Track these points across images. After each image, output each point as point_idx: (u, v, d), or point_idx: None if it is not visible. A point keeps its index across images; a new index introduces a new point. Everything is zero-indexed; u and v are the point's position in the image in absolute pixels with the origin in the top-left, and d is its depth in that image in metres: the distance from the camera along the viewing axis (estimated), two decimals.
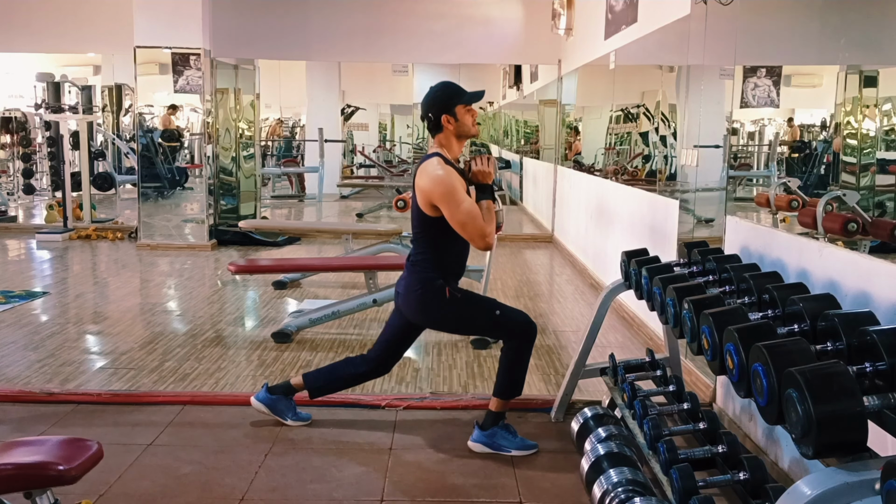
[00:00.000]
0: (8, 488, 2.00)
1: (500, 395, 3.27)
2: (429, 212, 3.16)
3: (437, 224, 3.16)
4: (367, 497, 2.86)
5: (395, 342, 3.42)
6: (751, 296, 2.54)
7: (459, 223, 3.10)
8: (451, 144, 3.23)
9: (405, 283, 3.28)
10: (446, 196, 3.09)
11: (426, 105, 3.21)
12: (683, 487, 2.32)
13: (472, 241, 3.15)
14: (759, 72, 4.43)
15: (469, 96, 3.21)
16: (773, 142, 5.38)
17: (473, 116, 3.24)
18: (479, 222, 3.10)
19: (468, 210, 3.09)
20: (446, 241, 3.21)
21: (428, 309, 3.26)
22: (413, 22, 9.27)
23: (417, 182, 3.18)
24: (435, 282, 3.20)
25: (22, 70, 13.02)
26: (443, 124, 3.18)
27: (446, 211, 3.10)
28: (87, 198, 9.91)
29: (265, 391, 3.51)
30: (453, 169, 3.17)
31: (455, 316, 3.29)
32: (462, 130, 3.21)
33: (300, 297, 6.18)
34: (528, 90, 12.76)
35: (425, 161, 3.20)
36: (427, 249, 3.24)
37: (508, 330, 3.25)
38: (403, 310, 3.33)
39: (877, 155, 3.70)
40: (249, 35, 9.11)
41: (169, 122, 10.61)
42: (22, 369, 4.24)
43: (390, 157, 17.66)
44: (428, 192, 3.13)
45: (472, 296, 3.34)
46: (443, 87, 3.24)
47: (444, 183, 3.08)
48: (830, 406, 1.62)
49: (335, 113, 15.57)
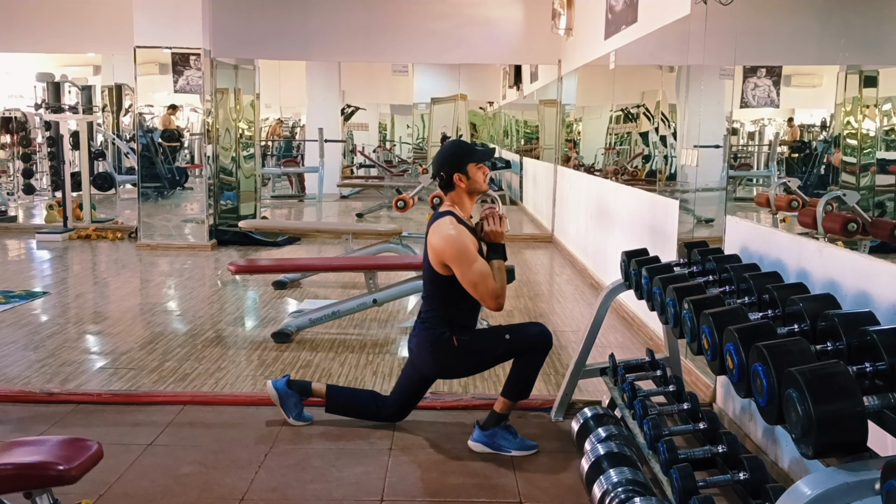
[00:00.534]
0: (8, 488, 2.00)
1: (509, 396, 3.28)
2: (441, 270, 3.20)
3: (448, 282, 3.20)
4: (367, 497, 2.86)
5: (410, 393, 3.48)
6: (751, 296, 2.54)
7: (471, 283, 3.14)
8: (462, 202, 3.28)
9: (416, 342, 3.33)
10: (458, 257, 3.13)
11: (437, 164, 3.29)
12: (683, 487, 2.32)
13: (483, 301, 3.18)
14: (759, 72, 4.44)
15: (480, 154, 3.27)
16: (773, 142, 5.38)
17: (485, 174, 3.29)
18: (491, 283, 3.14)
19: (480, 271, 3.13)
20: (457, 300, 3.24)
21: (442, 364, 3.32)
22: (413, 22, 9.27)
23: (430, 240, 3.22)
24: (443, 336, 3.24)
25: (22, 70, 13.02)
26: (455, 183, 3.23)
27: (458, 271, 3.14)
28: (87, 198, 9.91)
29: (285, 382, 3.52)
30: (466, 228, 3.20)
31: (469, 360, 3.33)
32: (473, 187, 3.27)
33: (300, 297, 6.18)
34: (528, 90, 12.76)
35: (438, 220, 3.22)
36: (437, 307, 3.29)
37: (524, 347, 3.27)
38: (418, 366, 3.38)
39: (877, 155, 3.71)
40: (249, 35, 9.11)
41: (169, 121, 10.61)
42: (22, 369, 4.24)
43: (390, 157, 17.67)
44: (440, 252, 3.17)
45: (478, 333, 3.37)
46: (453, 146, 3.34)
47: (457, 243, 3.13)
48: (830, 406, 1.62)
49: (335, 113, 15.57)
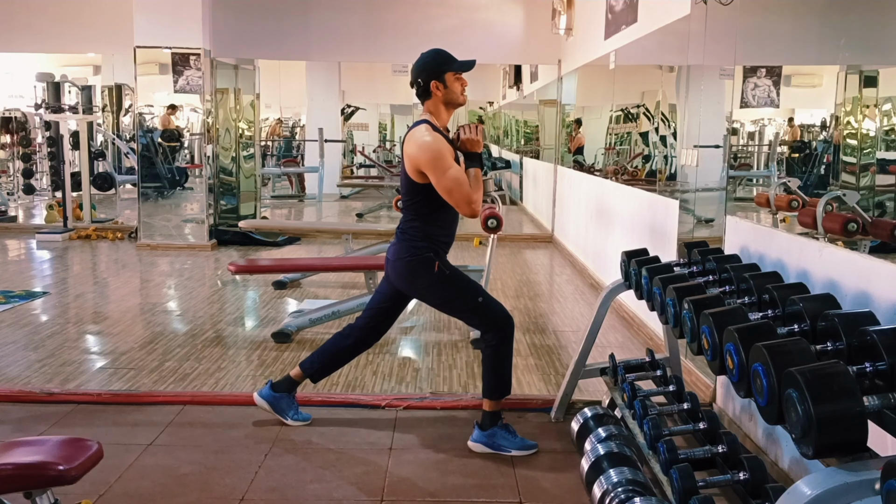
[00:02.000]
0: (8, 488, 2.00)
1: (489, 395, 3.27)
2: (416, 178, 3.16)
3: (425, 191, 3.15)
4: (367, 497, 2.86)
5: (382, 311, 3.43)
6: (751, 296, 2.54)
7: (446, 189, 3.09)
8: (439, 112, 3.22)
9: (394, 251, 3.29)
10: (433, 162, 3.08)
11: (416, 71, 3.21)
12: (683, 487, 2.32)
13: (459, 207, 3.14)
14: (759, 72, 4.44)
15: (459, 64, 3.20)
16: (773, 142, 5.38)
17: (463, 85, 3.22)
18: (466, 188, 3.09)
19: (455, 176, 3.08)
20: (434, 210, 3.20)
21: (415, 279, 3.26)
22: (413, 22, 9.27)
23: (405, 149, 3.18)
24: (424, 253, 3.20)
25: (22, 70, 13.02)
26: (432, 91, 3.18)
27: (433, 177, 3.10)
28: (87, 198, 9.91)
29: (269, 388, 3.51)
30: (441, 135, 3.16)
31: (439, 291, 3.29)
32: (451, 98, 3.20)
33: (300, 297, 6.18)
34: (528, 90, 12.76)
35: (413, 128, 3.19)
36: (415, 217, 3.24)
37: (487, 319, 3.24)
38: (391, 277, 3.34)
39: (877, 155, 3.71)
40: (249, 35, 9.11)
41: (168, 121, 10.61)
42: (22, 369, 4.24)
43: (390, 157, 17.67)
44: (415, 159, 3.12)
45: (459, 275, 3.32)
46: (433, 53, 3.23)
47: (432, 149, 3.08)
48: (830, 406, 1.62)
49: (335, 113, 15.57)
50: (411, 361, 4.53)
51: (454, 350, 4.70)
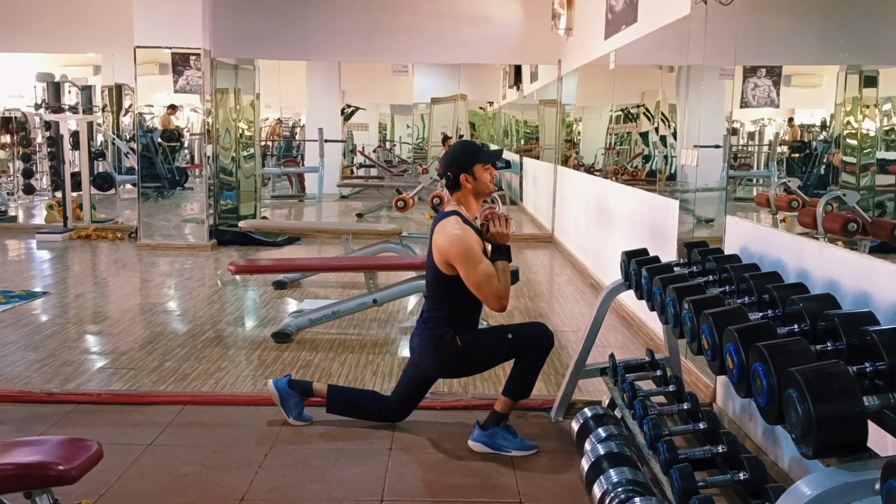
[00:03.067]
0: (8, 488, 2.00)
1: (511, 395, 3.28)
2: (445, 270, 3.20)
3: (452, 282, 3.20)
4: (367, 497, 2.86)
5: (411, 394, 3.48)
6: (751, 296, 2.54)
7: (475, 284, 3.14)
8: (468, 202, 3.29)
9: (419, 341, 3.32)
10: (463, 256, 3.13)
11: (445, 164, 3.29)
12: (683, 487, 2.32)
13: (487, 302, 3.19)
14: (759, 72, 4.44)
15: (487, 156, 3.27)
16: (773, 142, 5.38)
17: (492, 175, 3.30)
18: (495, 283, 3.14)
19: (484, 272, 3.13)
20: (460, 299, 3.24)
21: (445, 364, 3.32)
22: (413, 22, 9.27)
23: (435, 240, 3.22)
24: (445, 335, 3.24)
25: (22, 70, 13.01)
26: (461, 183, 3.24)
27: (462, 271, 3.14)
28: (87, 198, 9.91)
29: (286, 382, 3.52)
30: (471, 228, 3.21)
31: (472, 360, 3.33)
32: (480, 188, 3.27)
33: (300, 297, 6.18)
34: (528, 90, 12.76)
35: (443, 219, 3.22)
36: (440, 306, 3.28)
37: (526, 346, 3.27)
38: (420, 366, 3.37)
39: (877, 155, 3.71)
40: (249, 35, 9.11)
41: (168, 121, 10.61)
42: (22, 369, 4.24)
43: (390, 157, 17.67)
44: (445, 251, 3.17)
45: (481, 333, 3.37)
46: (461, 146, 3.35)
47: (462, 243, 3.12)
48: (830, 406, 1.62)
49: (335, 113, 15.56)
50: None
51: None
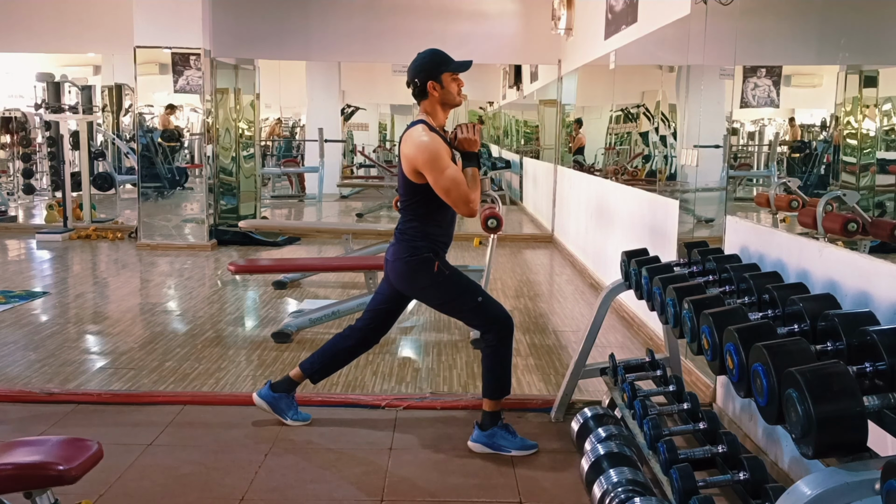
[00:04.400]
0: (8, 488, 1.99)
1: (489, 395, 3.27)
2: (414, 179, 3.16)
3: (423, 191, 3.16)
4: (367, 497, 2.86)
5: (382, 312, 3.43)
6: (751, 296, 2.54)
7: (443, 189, 3.10)
8: (436, 112, 3.23)
9: (393, 251, 3.29)
10: (430, 162, 3.08)
11: (412, 71, 3.22)
12: (683, 487, 2.32)
13: (456, 207, 3.14)
14: (759, 72, 4.43)
15: (456, 64, 3.21)
16: (773, 142, 5.37)
17: (459, 85, 3.24)
18: (464, 188, 3.10)
19: (452, 176, 3.09)
20: (432, 210, 3.20)
21: (415, 279, 3.27)
22: (413, 22, 9.27)
23: (402, 149, 3.18)
24: (423, 253, 3.21)
25: (22, 70, 13.02)
26: (428, 91, 3.19)
27: (430, 177, 3.10)
28: (87, 198, 9.91)
29: (268, 388, 3.51)
30: (438, 135, 3.17)
31: (439, 291, 3.29)
32: (447, 98, 3.21)
33: (300, 297, 6.18)
34: (528, 90, 12.76)
35: (410, 128, 3.20)
36: (414, 218, 3.25)
37: (487, 319, 3.25)
38: (391, 277, 3.34)
39: (877, 155, 3.70)
40: (249, 35, 9.11)
41: (167, 122, 10.60)
42: (22, 369, 4.24)
43: (390, 157, 17.67)
44: (412, 159, 3.12)
45: (459, 276, 3.33)
46: (430, 53, 3.24)
47: (429, 149, 3.09)
48: (830, 406, 1.62)
49: (335, 113, 15.57)
50: (411, 361, 4.53)
51: (454, 350, 4.70)
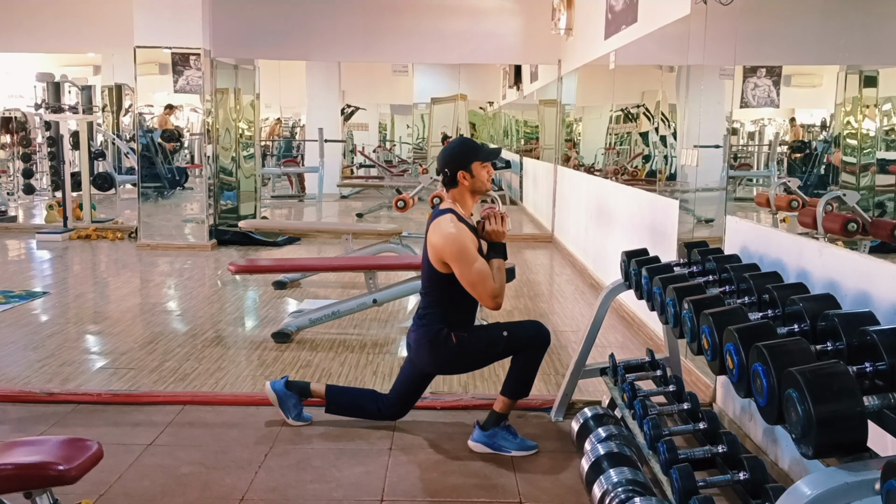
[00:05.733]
0: (8, 488, 2.00)
1: (510, 395, 3.28)
2: (440, 268, 3.19)
3: (447, 280, 3.19)
4: (367, 497, 2.86)
5: (409, 391, 3.46)
6: (751, 296, 2.54)
7: (470, 283, 3.13)
8: (464, 200, 3.27)
9: (415, 338, 3.32)
10: (457, 255, 3.11)
11: (443, 161, 3.26)
12: (683, 487, 2.32)
13: (482, 300, 3.18)
14: (759, 72, 4.43)
15: (486, 153, 3.26)
16: (773, 142, 5.37)
17: (489, 173, 3.27)
18: (490, 282, 3.12)
19: (479, 270, 3.11)
20: (455, 297, 3.23)
21: (440, 360, 3.30)
22: (413, 22, 9.27)
23: (430, 238, 3.20)
24: (441, 332, 3.23)
25: (22, 70, 13.01)
26: (458, 180, 3.22)
27: (457, 269, 3.13)
28: (87, 198, 9.91)
29: (283, 383, 3.52)
30: (466, 226, 3.19)
31: (467, 357, 3.32)
32: (477, 186, 3.25)
33: (300, 297, 6.18)
34: (528, 90, 12.76)
35: (438, 217, 3.21)
36: (435, 304, 3.27)
37: (523, 344, 3.26)
38: (416, 363, 3.36)
39: (877, 155, 3.71)
40: (249, 35, 9.10)
41: (166, 122, 10.60)
42: (22, 369, 4.24)
43: (390, 157, 17.67)
44: (440, 250, 3.15)
45: (477, 330, 3.36)
46: (460, 143, 3.32)
47: (457, 242, 3.11)
48: (830, 406, 1.62)
49: (335, 113, 15.56)
50: None
51: None
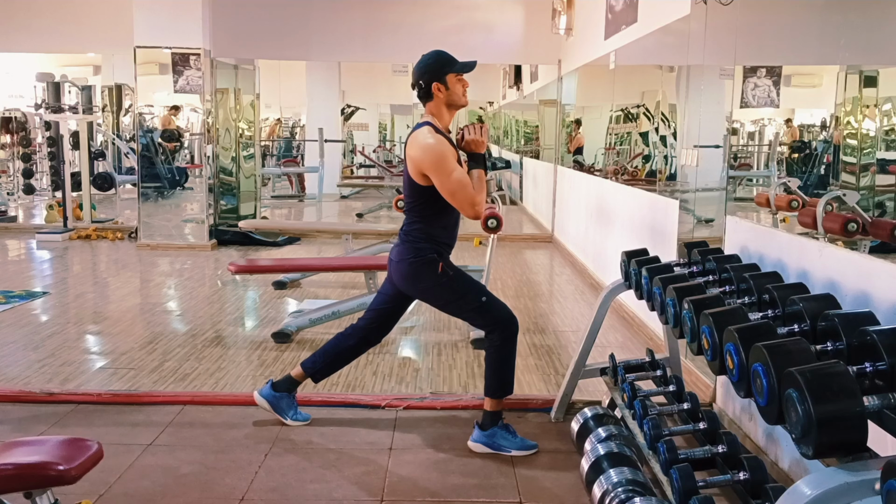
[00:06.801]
0: (8, 488, 1.99)
1: (491, 394, 3.27)
2: (419, 181, 3.16)
3: (428, 193, 3.15)
4: (367, 497, 2.86)
5: (384, 312, 3.43)
6: (751, 296, 2.54)
7: (449, 192, 3.10)
8: (441, 113, 3.21)
9: (398, 252, 3.29)
10: (436, 164, 3.08)
11: (417, 73, 3.20)
12: (683, 487, 2.32)
13: (462, 209, 3.15)
14: (759, 72, 4.44)
15: (461, 65, 3.20)
16: (773, 142, 5.38)
17: (464, 86, 3.22)
18: (469, 191, 3.10)
19: (458, 178, 3.09)
20: (437, 211, 3.20)
21: (418, 279, 3.26)
22: (413, 22, 9.27)
23: (408, 151, 3.18)
24: (428, 254, 3.20)
25: (22, 70, 13.02)
26: (433, 92, 3.17)
27: (436, 179, 3.10)
28: (87, 198, 9.91)
29: (269, 387, 3.51)
30: (444, 137, 3.16)
31: (443, 292, 3.28)
32: (452, 99, 3.20)
33: (300, 297, 6.18)
34: (528, 90, 12.76)
35: (416, 130, 3.19)
36: (418, 219, 3.24)
37: (491, 319, 3.24)
38: (394, 278, 3.33)
39: (877, 155, 3.71)
40: (249, 35, 9.11)
41: (169, 121, 10.61)
42: (22, 369, 4.24)
43: (390, 157, 17.67)
44: (418, 161, 3.12)
45: (462, 276, 3.32)
46: (435, 55, 3.23)
47: (435, 151, 3.08)
48: (830, 406, 1.62)
49: (335, 113, 15.56)
50: (411, 361, 4.53)
51: (454, 350, 4.70)
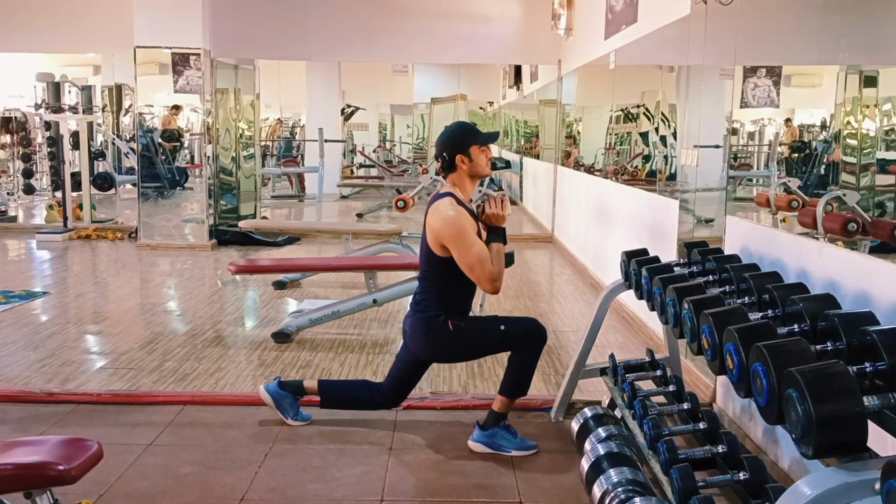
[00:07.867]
0: (8, 488, 2.00)
1: (507, 394, 3.27)
2: (438, 251, 3.18)
3: (445, 264, 3.18)
4: (367, 497, 2.86)
5: (405, 378, 3.44)
6: (751, 296, 2.54)
7: (468, 266, 3.12)
8: (464, 184, 3.25)
9: (410, 323, 3.31)
10: (456, 238, 3.10)
11: (441, 145, 3.24)
12: (683, 487, 2.32)
13: (480, 284, 3.17)
14: (759, 72, 4.43)
15: (484, 137, 3.24)
16: (773, 142, 5.37)
17: (488, 157, 3.26)
18: (488, 265, 3.11)
19: (478, 253, 3.11)
20: (453, 282, 3.22)
21: (436, 347, 3.29)
22: (413, 22, 9.27)
23: (428, 221, 3.20)
24: (437, 319, 3.22)
25: (22, 70, 13.02)
26: (457, 164, 3.21)
27: (455, 253, 3.12)
28: (87, 198, 9.91)
29: (276, 384, 3.52)
30: (465, 210, 3.18)
31: (463, 346, 3.30)
32: (476, 170, 3.24)
33: (300, 297, 6.18)
34: (528, 90, 12.76)
35: (437, 200, 3.20)
36: (432, 288, 3.26)
37: (518, 339, 3.25)
38: (412, 348, 3.35)
39: (877, 155, 3.71)
40: (249, 35, 9.11)
41: (170, 121, 10.61)
42: (22, 369, 4.24)
43: (390, 157, 17.67)
44: (438, 232, 3.14)
45: (473, 321, 3.36)
46: (458, 127, 3.30)
47: (455, 224, 3.10)
48: (830, 406, 1.61)
49: (335, 113, 15.56)
50: None
51: None
